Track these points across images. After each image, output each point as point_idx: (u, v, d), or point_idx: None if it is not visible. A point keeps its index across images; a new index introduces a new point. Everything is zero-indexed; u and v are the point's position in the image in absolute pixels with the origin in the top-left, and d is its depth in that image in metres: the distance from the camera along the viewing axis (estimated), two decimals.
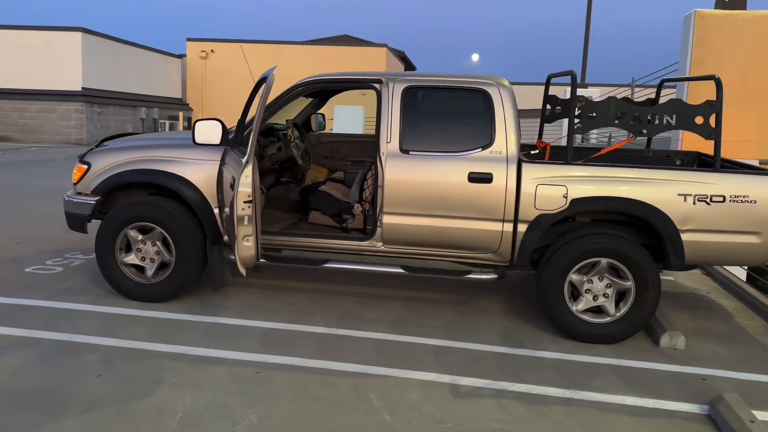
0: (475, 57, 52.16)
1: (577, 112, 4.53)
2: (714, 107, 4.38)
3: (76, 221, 5.03)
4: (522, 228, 4.55)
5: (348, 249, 4.86)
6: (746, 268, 6.78)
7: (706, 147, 5.02)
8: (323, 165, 6.32)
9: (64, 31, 21.41)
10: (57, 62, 21.30)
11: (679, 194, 4.34)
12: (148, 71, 26.03)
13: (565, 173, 4.46)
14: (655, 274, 4.41)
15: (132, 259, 4.93)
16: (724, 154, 5.42)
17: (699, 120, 4.40)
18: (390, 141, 4.65)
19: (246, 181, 3.74)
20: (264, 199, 4.80)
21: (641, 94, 14.67)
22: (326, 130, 6.73)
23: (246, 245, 3.86)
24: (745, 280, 6.73)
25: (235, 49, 27.58)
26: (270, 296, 5.27)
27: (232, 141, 4.63)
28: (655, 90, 5.63)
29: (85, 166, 5.01)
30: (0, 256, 6.20)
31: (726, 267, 6.44)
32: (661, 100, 5.13)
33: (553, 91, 5.69)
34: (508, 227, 4.57)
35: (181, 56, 29.32)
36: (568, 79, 4.74)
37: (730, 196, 4.32)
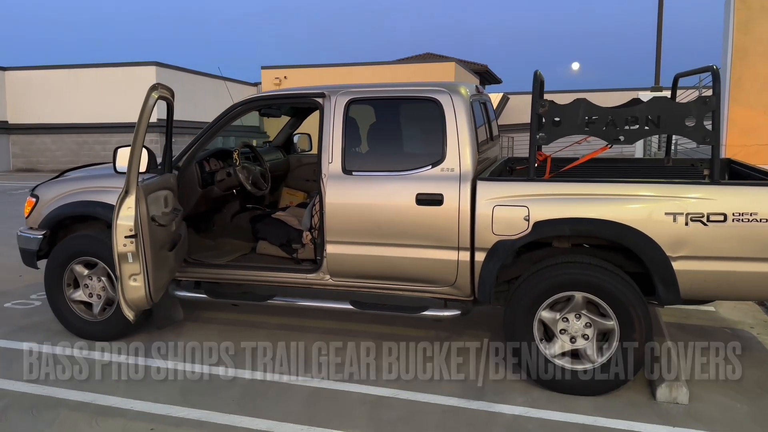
0: (575, 66, 50.03)
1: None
2: (709, 104, 3.52)
3: (27, 256, 4.86)
4: (480, 257, 3.87)
5: (295, 282, 4.36)
6: None
7: None
8: (304, 188, 5.88)
9: (139, 66, 22.50)
10: (134, 96, 22.24)
11: (666, 213, 3.51)
12: (223, 100, 26.86)
13: (527, 191, 3.75)
14: (642, 310, 3.59)
15: (80, 295, 4.67)
16: None
17: (690, 121, 3.55)
18: (332, 161, 4.13)
19: (127, 214, 3.34)
20: (183, 231, 4.34)
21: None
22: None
23: (133, 285, 3.45)
24: None
25: (307, 74, 27.96)
26: (228, 333, 4.85)
27: (162, 168, 4.28)
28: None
29: (34, 200, 4.85)
30: None
31: None
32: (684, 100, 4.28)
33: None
34: (465, 256, 3.90)
35: (256, 84, 30.11)
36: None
37: (734, 214, 3.44)
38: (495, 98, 31.07)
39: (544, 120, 3.79)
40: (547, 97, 3.89)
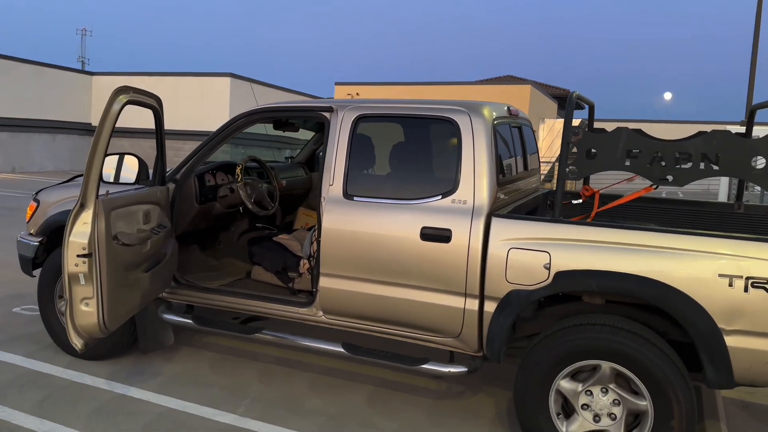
0: (667, 96, 47.08)
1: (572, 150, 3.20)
2: None
3: (23, 263, 4.63)
4: (490, 307, 3.27)
5: (287, 316, 3.89)
6: None
7: None
8: None
9: (215, 76, 22.99)
10: (208, 105, 22.86)
11: (721, 275, 2.81)
12: None
13: (550, 234, 3.13)
14: (683, 392, 2.88)
15: None
16: None
17: (758, 162, 2.85)
18: (333, 183, 3.65)
19: (81, 230, 2.96)
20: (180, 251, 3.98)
21: None
22: None
23: (84, 310, 3.06)
24: None
25: (379, 91, 27.91)
26: (219, 364, 4.43)
27: (153, 179, 3.94)
28: None
29: (35, 204, 4.63)
30: (10, 292, 6.08)
31: None
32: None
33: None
34: (472, 304, 3.32)
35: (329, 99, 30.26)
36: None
37: None
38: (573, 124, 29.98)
39: (576, 151, 3.18)
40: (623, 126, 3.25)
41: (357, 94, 29.28)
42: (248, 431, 3.49)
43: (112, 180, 3.77)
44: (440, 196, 3.40)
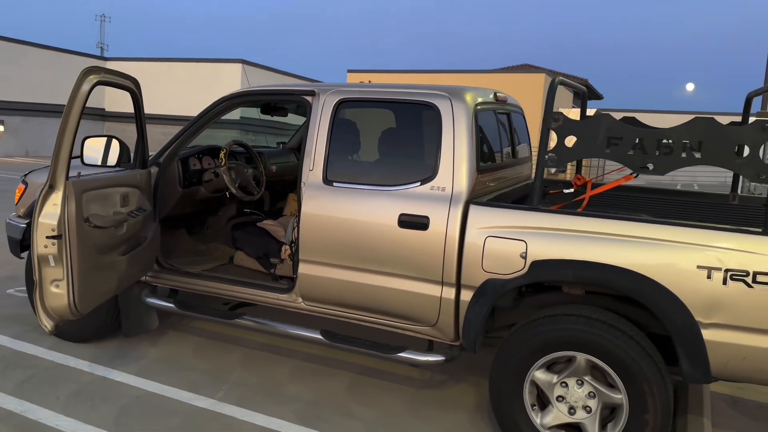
0: (690, 87, 46.53)
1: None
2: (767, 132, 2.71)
3: (12, 245, 4.65)
4: (466, 296, 3.22)
5: (268, 302, 3.87)
6: None
7: None
8: None
9: (225, 62, 22.98)
10: (219, 91, 22.84)
11: (699, 266, 2.73)
12: None
13: (527, 222, 3.06)
14: (658, 386, 2.82)
15: None
16: None
17: (741, 151, 2.75)
18: (313, 168, 3.60)
19: (50, 211, 2.94)
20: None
21: None
22: None
23: (54, 292, 3.04)
24: None
25: (391, 79, 27.75)
26: (203, 348, 4.43)
27: (133, 163, 3.92)
28: None
29: (24, 186, 4.63)
30: (5, 273, 6.12)
31: None
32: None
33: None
34: (449, 293, 3.27)
35: None
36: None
37: None
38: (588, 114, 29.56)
39: (557, 137, 3.10)
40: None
41: (369, 81, 29.05)
42: (224, 416, 3.48)
43: (99, 163, 3.74)
44: (419, 183, 3.34)
